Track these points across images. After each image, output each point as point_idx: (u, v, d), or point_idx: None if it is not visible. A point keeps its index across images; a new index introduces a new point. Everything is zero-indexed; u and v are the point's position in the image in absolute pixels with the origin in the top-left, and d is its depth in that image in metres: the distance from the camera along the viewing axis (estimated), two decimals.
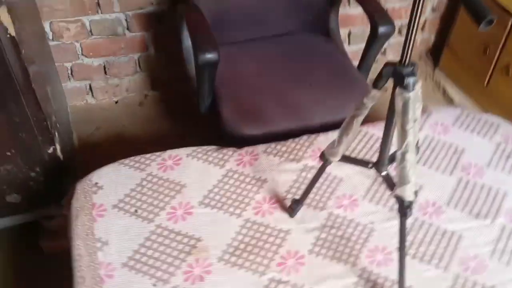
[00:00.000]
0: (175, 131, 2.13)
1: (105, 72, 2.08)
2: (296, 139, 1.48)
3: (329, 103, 1.62)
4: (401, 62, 0.88)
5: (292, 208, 1.26)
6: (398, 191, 0.94)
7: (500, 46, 2.04)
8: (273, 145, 1.46)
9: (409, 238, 1.23)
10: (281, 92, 1.64)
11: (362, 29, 2.32)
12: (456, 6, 2.33)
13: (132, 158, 1.39)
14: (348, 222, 1.26)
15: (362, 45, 2.34)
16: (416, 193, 0.96)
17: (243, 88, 1.65)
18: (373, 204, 1.31)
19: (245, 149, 1.45)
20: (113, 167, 1.36)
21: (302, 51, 1.82)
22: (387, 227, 1.25)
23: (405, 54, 0.86)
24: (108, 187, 1.30)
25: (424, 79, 2.48)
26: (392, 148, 1.04)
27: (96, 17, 1.89)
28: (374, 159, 1.15)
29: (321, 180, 1.36)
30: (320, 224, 1.25)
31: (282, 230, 1.24)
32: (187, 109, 2.23)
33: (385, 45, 2.00)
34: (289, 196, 1.32)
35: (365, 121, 1.55)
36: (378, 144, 1.45)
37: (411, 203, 0.95)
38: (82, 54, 1.99)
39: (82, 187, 1.31)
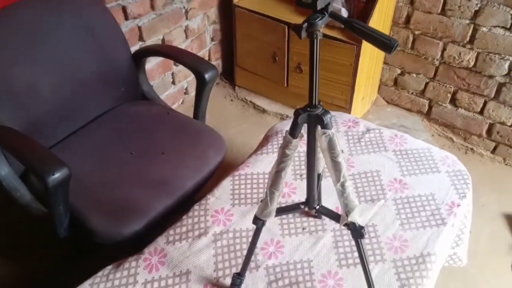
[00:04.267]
0: (16, 272, 1.73)
1: None
2: (190, 213, 1.37)
3: (191, 163, 1.55)
4: (311, 105, 0.89)
5: (234, 284, 1.16)
6: (349, 218, 0.96)
7: (286, 51, 2.28)
8: (171, 231, 1.32)
9: (340, 250, 1.28)
10: (139, 173, 1.50)
11: (161, 79, 2.30)
12: (229, 33, 2.50)
13: None
14: (286, 267, 1.23)
15: (167, 93, 2.36)
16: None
17: (96, 189, 1.44)
18: (294, 237, 1.31)
19: (146, 251, 1.27)
20: None
21: (133, 123, 1.69)
22: (318, 251, 1.27)
23: (313, 97, 0.88)
24: None
25: (230, 101, 2.61)
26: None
27: None
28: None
29: (236, 241, 1.30)
30: (265, 284, 1.19)
31: None
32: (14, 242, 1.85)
33: None
34: (220, 273, 1.22)
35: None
36: (257, 181, 1.48)
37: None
38: None
39: None
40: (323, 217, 1.36)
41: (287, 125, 1.70)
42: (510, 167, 2.22)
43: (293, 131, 0.92)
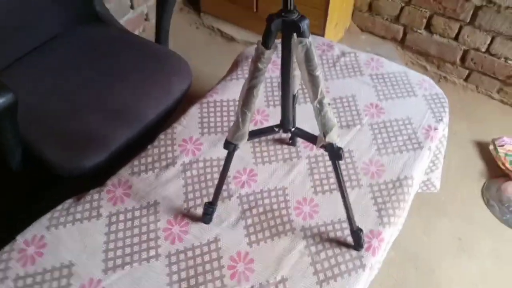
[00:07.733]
0: None
1: None
2: (155, 143, 1.28)
3: (153, 91, 1.43)
4: (286, 9, 0.79)
5: (206, 214, 1.10)
6: (327, 138, 0.90)
7: None
8: (135, 162, 1.23)
9: (316, 177, 1.23)
10: (96, 102, 1.38)
11: (118, 1, 2.11)
12: None
13: None
14: (260, 195, 1.18)
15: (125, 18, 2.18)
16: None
17: (51, 118, 1.32)
18: (267, 166, 1.25)
19: (109, 183, 1.18)
20: None
21: (88, 47, 1.54)
22: (293, 179, 1.22)
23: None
24: None
25: (196, 29, 2.44)
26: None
27: None
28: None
29: (207, 170, 1.23)
30: (239, 213, 1.14)
31: (210, 241, 1.08)
32: None
33: None
34: (191, 203, 1.15)
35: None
36: (227, 108, 1.39)
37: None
38: None
39: None
40: (298, 144, 1.29)
41: None
42: (482, 95, 2.20)
43: (266, 41, 0.82)
